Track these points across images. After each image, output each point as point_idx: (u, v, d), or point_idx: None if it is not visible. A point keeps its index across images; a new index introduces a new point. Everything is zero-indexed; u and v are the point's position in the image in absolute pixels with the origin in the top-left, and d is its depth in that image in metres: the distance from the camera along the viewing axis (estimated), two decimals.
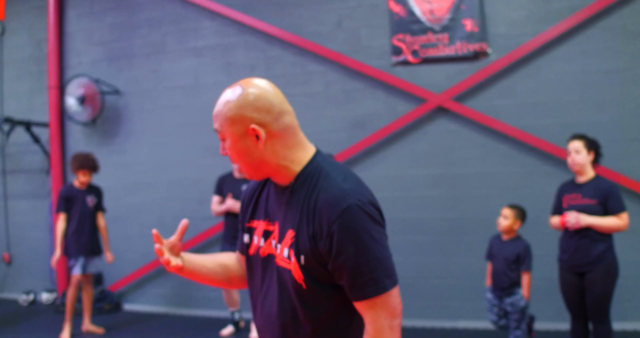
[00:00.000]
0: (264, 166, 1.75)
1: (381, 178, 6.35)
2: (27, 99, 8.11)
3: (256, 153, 1.71)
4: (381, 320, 1.64)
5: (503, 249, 4.74)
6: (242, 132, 1.69)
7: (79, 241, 6.05)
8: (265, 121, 1.69)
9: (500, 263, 4.71)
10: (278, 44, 6.84)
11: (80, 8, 7.87)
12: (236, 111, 1.69)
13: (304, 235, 1.67)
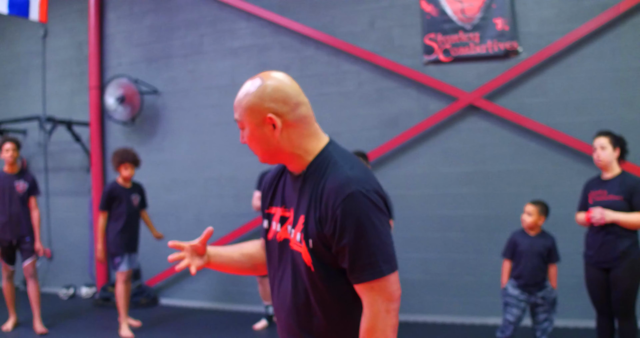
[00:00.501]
0: (279, 154, 1.92)
1: (413, 176, 6.58)
2: (69, 99, 8.54)
3: (272, 141, 1.89)
4: (378, 303, 1.77)
5: (534, 245, 4.88)
6: (260, 121, 1.87)
7: (126, 239, 6.31)
8: (282, 111, 1.86)
9: (534, 259, 4.84)
10: (312, 44, 7.11)
11: (120, 10, 8.27)
12: (255, 101, 1.86)
13: (312, 220, 1.82)
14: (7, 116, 8.63)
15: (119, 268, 6.30)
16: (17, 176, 6.40)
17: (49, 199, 8.54)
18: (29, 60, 8.93)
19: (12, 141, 6.34)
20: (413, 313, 6.50)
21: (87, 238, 8.28)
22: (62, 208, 8.48)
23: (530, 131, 6.14)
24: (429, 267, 6.54)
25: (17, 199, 6.33)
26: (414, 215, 6.52)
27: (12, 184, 6.34)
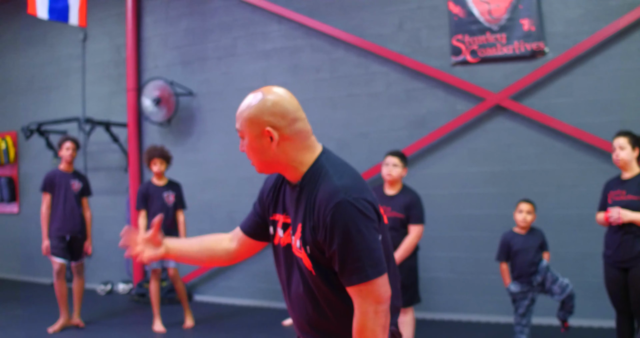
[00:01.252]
0: (275, 165, 2.11)
1: (440, 176, 6.84)
2: (107, 101, 9.04)
3: (269, 152, 2.07)
4: (366, 305, 1.93)
5: (527, 242, 5.14)
6: (259, 133, 2.04)
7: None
8: (280, 125, 2.03)
9: (529, 255, 5.09)
10: (342, 46, 7.42)
11: (156, 14, 8.73)
12: (255, 113, 2.04)
13: (308, 228, 2.01)
14: (48, 117, 9.18)
15: (151, 265, 6.68)
16: (72, 175, 6.85)
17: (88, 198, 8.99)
18: (69, 63, 9.46)
19: (72, 141, 6.77)
20: (440, 311, 6.78)
21: None
22: (101, 206, 8.95)
23: (556, 131, 6.34)
24: (455, 266, 6.78)
25: (72, 197, 6.76)
26: (441, 214, 6.76)
27: (68, 182, 6.77)
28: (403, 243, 5.01)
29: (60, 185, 6.73)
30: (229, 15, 8.19)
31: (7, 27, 10.35)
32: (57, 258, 6.62)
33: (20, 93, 10.12)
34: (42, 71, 9.86)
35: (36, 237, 6.73)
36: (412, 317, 5.14)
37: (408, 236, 5.03)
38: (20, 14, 9.91)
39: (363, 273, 1.91)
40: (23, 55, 10.11)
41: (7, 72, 10.35)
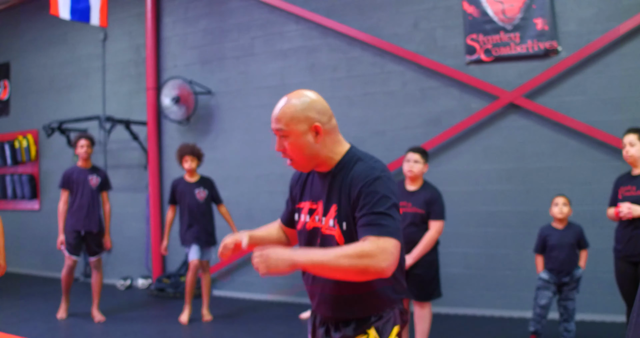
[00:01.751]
0: (316, 158, 2.38)
1: (455, 173, 7.04)
2: (127, 100, 9.34)
3: (314, 147, 2.35)
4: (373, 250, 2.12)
5: (565, 237, 5.37)
6: (306, 129, 2.33)
7: (191, 231, 7.00)
8: (322, 121, 2.34)
9: (566, 250, 5.36)
10: (358, 45, 7.66)
11: (175, 15, 9.01)
12: (303, 112, 2.32)
13: (345, 205, 2.29)
14: (69, 116, 9.49)
15: (188, 257, 7.06)
16: (90, 171, 7.14)
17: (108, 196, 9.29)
18: (90, 63, 9.78)
19: (87, 138, 7.10)
20: (454, 306, 6.99)
21: (143, 232, 9.04)
22: (120, 203, 9.24)
23: (570, 128, 6.54)
24: (470, 262, 6.99)
25: (89, 192, 7.06)
26: (456, 210, 6.96)
27: (85, 178, 7.07)
28: (424, 238, 5.16)
29: (78, 182, 7.03)
30: (247, 15, 8.45)
31: (28, 28, 10.69)
32: (69, 253, 6.95)
33: (41, 92, 10.45)
34: (62, 70, 10.19)
35: (56, 234, 7.00)
36: (430, 312, 5.30)
37: (429, 232, 5.18)
38: (41, 15, 10.25)
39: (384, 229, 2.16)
40: (44, 55, 10.45)
41: (28, 71, 10.69)
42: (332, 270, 2.14)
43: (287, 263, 2.15)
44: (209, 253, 7.12)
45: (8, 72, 11.01)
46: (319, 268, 2.16)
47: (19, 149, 10.47)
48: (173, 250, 8.57)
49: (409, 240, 5.15)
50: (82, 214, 6.98)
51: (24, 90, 10.78)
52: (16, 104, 10.96)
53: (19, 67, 10.91)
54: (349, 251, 2.12)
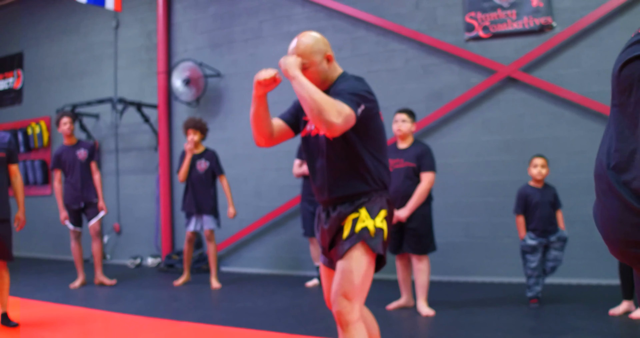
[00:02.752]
0: (327, 80, 3.13)
1: (456, 145, 7.51)
2: (138, 84, 9.87)
3: (327, 72, 3.12)
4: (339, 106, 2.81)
5: (544, 196, 5.80)
6: (321, 58, 3.08)
7: (190, 201, 7.55)
8: (329, 51, 3.13)
9: (547, 209, 5.77)
10: (362, 26, 8.16)
11: (186, 1, 9.60)
12: (317, 45, 3.08)
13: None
14: (82, 101, 9.96)
15: (188, 228, 7.58)
16: (76, 146, 7.75)
17: (119, 178, 9.85)
18: (102, 49, 10.33)
19: (68, 116, 7.70)
20: (456, 274, 7.42)
21: (153, 212, 9.51)
22: (131, 185, 9.74)
23: (566, 100, 6.99)
24: (471, 230, 7.42)
25: (79, 166, 7.65)
26: (457, 181, 7.43)
27: (74, 154, 7.67)
28: (417, 190, 5.66)
29: (68, 159, 7.65)
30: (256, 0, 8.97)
31: (41, 17, 11.28)
32: (73, 226, 7.66)
33: (54, 80, 11.01)
34: (75, 57, 10.74)
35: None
36: (427, 265, 5.77)
37: (421, 184, 5.68)
38: (55, 5, 10.86)
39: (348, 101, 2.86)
40: (57, 43, 11.02)
41: (41, 60, 11.26)
42: (306, 97, 2.78)
43: (292, 68, 2.90)
44: (210, 222, 7.55)
45: (22, 62, 11.60)
46: (303, 88, 2.82)
47: (31, 135, 10.99)
48: (181, 227, 9.05)
49: (405, 193, 5.70)
50: (79, 187, 7.60)
51: (37, 78, 11.36)
52: (29, 93, 11.53)
53: (33, 57, 11.50)
54: (325, 96, 2.80)
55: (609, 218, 1.67)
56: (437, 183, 7.21)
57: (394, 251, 5.85)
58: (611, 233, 1.67)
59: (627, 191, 1.59)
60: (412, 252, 5.71)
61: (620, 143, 1.64)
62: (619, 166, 1.63)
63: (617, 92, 1.69)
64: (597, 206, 1.73)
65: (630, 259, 1.65)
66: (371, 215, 3.02)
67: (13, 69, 11.77)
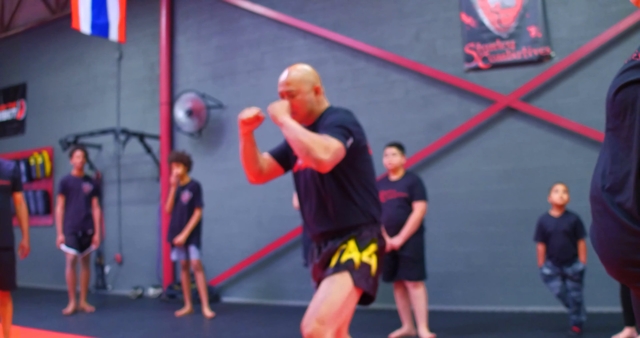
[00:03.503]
0: (313, 112, 3.29)
1: (456, 174, 7.60)
2: (141, 115, 10.03)
3: (313, 103, 3.27)
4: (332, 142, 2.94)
5: (560, 225, 5.85)
6: (310, 88, 3.25)
7: (173, 231, 7.73)
8: (319, 83, 3.31)
9: (561, 238, 5.82)
10: (363, 57, 8.32)
11: (188, 33, 9.76)
12: (307, 76, 3.27)
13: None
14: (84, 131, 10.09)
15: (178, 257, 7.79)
16: (83, 179, 8.27)
17: (121, 208, 9.92)
18: (105, 80, 10.51)
19: (81, 149, 8.27)
20: (457, 303, 7.47)
21: (155, 243, 9.58)
22: (133, 215, 9.83)
23: (564, 129, 7.11)
24: (472, 260, 7.49)
25: (83, 198, 8.15)
26: (458, 211, 7.52)
27: (80, 186, 8.17)
28: (409, 219, 5.92)
29: (73, 189, 8.14)
30: (258, 32, 9.16)
31: (45, 48, 11.51)
32: (69, 249, 8.03)
33: (57, 110, 11.19)
34: (78, 88, 10.93)
35: None
36: (424, 291, 5.96)
37: (413, 213, 5.95)
38: (59, 36, 11.08)
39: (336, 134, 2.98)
40: (61, 74, 11.22)
41: (45, 90, 11.46)
42: (294, 139, 2.91)
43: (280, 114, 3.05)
44: (195, 253, 7.68)
45: (25, 92, 11.81)
46: (290, 132, 2.95)
47: (34, 166, 11.13)
48: None
49: (398, 222, 5.97)
50: (79, 217, 8.07)
51: (40, 109, 11.54)
52: (32, 123, 11.71)
53: (36, 87, 11.71)
54: (312, 135, 2.91)
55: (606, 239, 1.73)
56: (438, 212, 7.35)
57: (389, 279, 6.06)
58: (608, 253, 1.73)
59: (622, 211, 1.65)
60: (406, 279, 5.92)
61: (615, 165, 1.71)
62: (613, 188, 1.69)
63: (611, 116, 1.77)
64: (594, 228, 1.81)
65: (628, 278, 1.71)
66: (359, 248, 3.08)
67: (16, 100, 11.97)
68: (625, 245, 1.65)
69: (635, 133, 1.64)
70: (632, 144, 1.65)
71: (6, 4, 12.57)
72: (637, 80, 1.64)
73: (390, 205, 5.99)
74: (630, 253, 1.64)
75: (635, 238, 1.62)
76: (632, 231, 1.62)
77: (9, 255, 5.33)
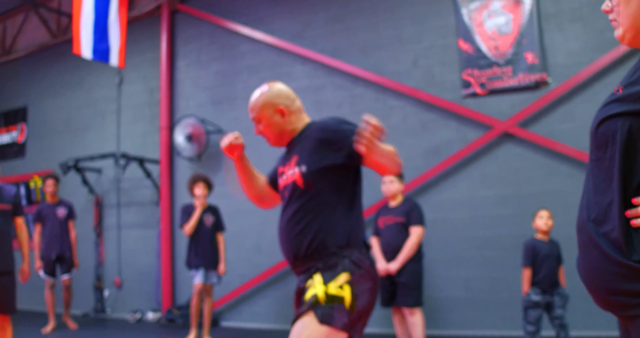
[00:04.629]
0: (284, 133, 3.12)
1: (454, 200, 7.63)
2: (141, 140, 10.06)
3: (281, 125, 3.10)
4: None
5: (552, 249, 5.87)
6: (273, 112, 3.08)
7: (199, 254, 7.58)
8: (287, 104, 3.11)
9: (554, 263, 5.82)
10: (362, 83, 8.38)
11: (188, 59, 9.83)
12: (270, 100, 3.10)
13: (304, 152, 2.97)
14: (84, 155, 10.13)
15: (194, 280, 7.58)
16: (57, 205, 8.71)
17: (120, 232, 9.91)
18: (106, 105, 10.58)
19: (53, 178, 8.76)
20: (456, 328, 7.46)
21: (154, 267, 9.58)
22: (132, 239, 9.83)
23: (561, 154, 7.15)
24: (469, 285, 7.48)
25: (58, 223, 8.50)
26: (456, 236, 7.53)
27: (54, 212, 8.54)
28: (406, 244, 5.98)
29: (47, 215, 8.52)
30: (257, 58, 9.23)
31: (46, 72, 11.60)
32: (46, 276, 8.46)
33: (57, 134, 11.24)
34: (79, 112, 10.99)
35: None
36: (421, 317, 5.99)
37: (410, 237, 6.02)
38: (60, 61, 11.15)
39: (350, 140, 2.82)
40: (61, 99, 11.29)
41: (45, 114, 11.53)
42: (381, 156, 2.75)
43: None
44: (212, 277, 7.63)
45: (25, 116, 11.88)
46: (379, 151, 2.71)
47: (34, 189, 11.15)
48: (182, 281, 9.12)
49: (396, 247, 6.03)
50: (54, 241, 8.42)
51: (40, 132, 11.59)
52: (32, 146, 11.76)
53: (37, 111, 11.79)
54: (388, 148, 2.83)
55: (591, 269, 1.77)
56: (436, 237, 7.35)
57: (387, 304, 6.11)
58: (594, 283, 1.77)
59: (606, 242, 1.70)
60: (402, 305, 5.96)
61: (598, 196, 1.76)
62: (597, 218, 1.74)
63: (594, 147, 1.83)
64: (580, 258, 1.84)
65: (614, 307, 1.74)
66: (325, 280, 2.74)
67: (17, 123, 12.04)
68: (611, 275, 1.68)
69: (616, 164, 1.71)
70: (614, 175, 1.71)
71: (8, 27, 12.69)
72: (618, 113, 1.73)
73: (389, 231, 6.08)
74: (615, 283, 1.68)
75: (620, 268, 1.65)
76: (616, 262, 1.66)
77: (9, 279, 5.36)
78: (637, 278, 1.62)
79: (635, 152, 1.68)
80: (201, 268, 7.53)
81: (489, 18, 7.61)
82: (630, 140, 1.69)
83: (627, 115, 1.70)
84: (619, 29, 1.86)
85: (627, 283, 1.64)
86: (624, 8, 1.81)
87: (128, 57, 9.80)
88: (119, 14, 8.87)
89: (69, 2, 10.88)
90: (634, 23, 1.80)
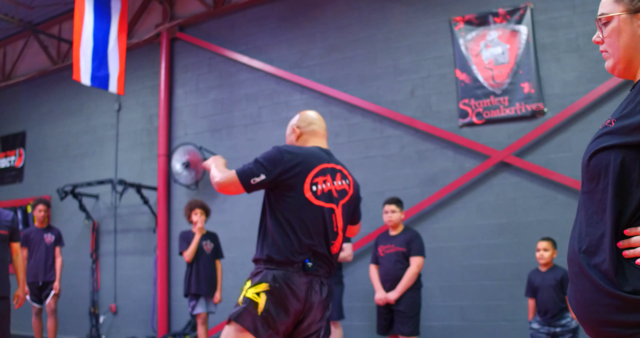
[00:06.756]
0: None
1: (451, 229, 7.60)
2: (139, 167, 10.05)
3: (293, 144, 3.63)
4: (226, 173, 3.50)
5: (546, 279, 5.87)
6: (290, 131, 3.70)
7: (200, 283, 7.46)
8: (300, 125, 3.70)
9: (549, 292, 5.80)
10: (359, 112, 8.39)
11: (187, 86, 9.85)
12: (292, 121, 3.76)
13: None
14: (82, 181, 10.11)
15: (195, 310, 7.43)
16: (45, 230, 8.50)
17: (117, 259, 9.85)
18: (104, 131, 10.57)
19: (44, 204, 8.58)
20: None
21: (150, 293, 9.50)
22: (129, 266, 9.77)
23: (558, 183, 7.14)
24: (466, 314, 7.43)
25: (44, 248, 8.34)
26: (452, 265, 7.49)
27: (41, 237, 8.40)
28: (406, 274, 6.00)
29: (34, 240, 8.36)
30: (255, 86, 9.26)
31: (45, 98, 11.63)
32: (33, 303, 8.29)
33: (55, 159, 11.22)
34: (77, 139, 10.98)
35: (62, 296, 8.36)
36: None
37: (410, 268, 6.04)
38: (59, 87, 11.19)
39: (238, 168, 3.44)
40: (60, 124, 11.29)
41: (43, 139, 11.52)
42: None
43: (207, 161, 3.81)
44: (211, 305, 7.53)
45: (24, 141, 11.88)
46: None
47: (31, 214, 11.08)
48: (178, 309, 9.04)
49: (395, 276, 6.06)
50: (41, 267, 8.22)
51: (38, 158, 11.58)
52: (30, 171, 11.73)
53: (35, 136, 11.78)
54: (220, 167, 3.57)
55: (582, 300, 1.77)
56: (433, 266, 7.31)
57: (384, 332, 6.16)
58: (585, 314, 1.77)
59: (598, 273, 1.70)
60: (399, 333, 5.98)
61: (590, 227, 1.77)
62: (589, 250, 1.75)
63: (586, 180, 1.83)
64: (571, 289, 1.84)
65: None
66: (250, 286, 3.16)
67: (15, 148, 12.03)
68: (602, 306, 1.69)
69: (608, 197, 1.71)
70: (606, 207, 1.72)
71: (8, 53, 12.74)
72: (610, 146, 1.72)
73: (388, 259, 6.10)
74: (606, 314, 1.68)
75: (611, 299, 1.66)
76: (607, 293, 1.66)
77: (4, 304, 5.31)
78: (628, 309, 1.63)
79: (628, 185, 1.70)
80: (202, 297, 7.42)
81: (485, 48, 7.66)
82: (623, 173, 1.70)
83: (620, 148, 1.71)
84: (609, 60, 1.90)
85: (618, 314, 1.65)
86: (615, 40, 1.85)
87: (127, 84, 9.81)
88: (118, 41, 8.90)
89: (69, 29, 10.95)
90: (624, 55, 1.84)
